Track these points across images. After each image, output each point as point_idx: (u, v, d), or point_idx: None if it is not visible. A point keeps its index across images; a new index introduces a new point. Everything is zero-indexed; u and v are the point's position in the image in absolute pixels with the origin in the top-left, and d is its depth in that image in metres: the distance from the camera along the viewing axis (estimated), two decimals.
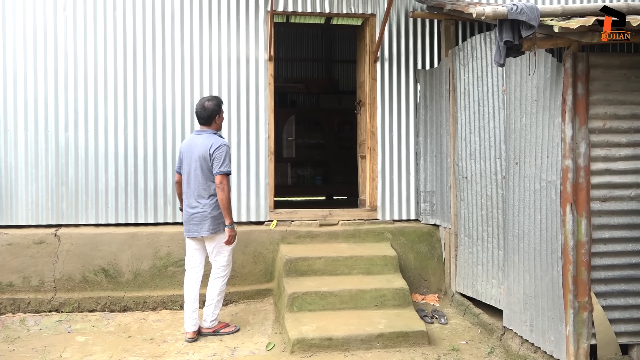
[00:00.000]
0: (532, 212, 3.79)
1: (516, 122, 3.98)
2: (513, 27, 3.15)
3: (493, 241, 4.49)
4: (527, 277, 3.87)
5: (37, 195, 5.21)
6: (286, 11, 5.59)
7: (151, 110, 5.37)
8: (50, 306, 4.86)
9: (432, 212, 5.66)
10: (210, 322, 4.36)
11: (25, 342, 4.20)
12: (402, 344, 4.17)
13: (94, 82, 5.29)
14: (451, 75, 5.14)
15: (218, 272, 4.33)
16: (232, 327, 4.43)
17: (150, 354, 3.99)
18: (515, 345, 3.99)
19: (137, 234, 5.15)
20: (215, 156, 4.14)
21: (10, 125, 5.18)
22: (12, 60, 5.18)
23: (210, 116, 4.26)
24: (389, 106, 5.76)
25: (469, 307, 4.82)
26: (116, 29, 5.33)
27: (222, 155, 4.15)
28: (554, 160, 3.52)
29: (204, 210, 4.19)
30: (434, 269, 5.51)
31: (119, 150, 5.33)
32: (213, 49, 5.48)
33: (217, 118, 4.30)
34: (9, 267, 4.93)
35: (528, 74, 3.77)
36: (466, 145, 4.87)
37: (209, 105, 4.25)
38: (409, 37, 5.78)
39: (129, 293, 4.99)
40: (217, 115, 4.29)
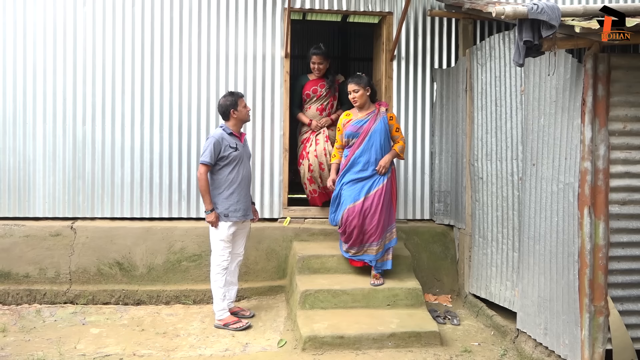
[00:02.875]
0: (549, 214, 3.74)
1: (534, 123, 3.93)
2: (533, 27, 3.10)
3: (508, 243, 4.45)
4: (542, 280, 3.82)
5: (54, 188, 5.28)
6: (303, 8, 5.58)
7: (167, 105, 5.40)
8: (65, 298, 4.92)
9: (446, 212, 5.63)
10: (216, 317, 4.47)
11: (40, 333, 4.25)
12: (414, 344, 4.15)
13: (112, 77, 5.34)
14: (468, 74, 5.10)
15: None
16: (243, 322, 4.45)
17: (163, 348, 4.02)
18: (529, 348, 3.95)
19: (152, 229, 5.19)
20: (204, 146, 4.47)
21: (30, 119, 5.24)
22: (33, 55, 5.24)
23: (225, 112, 4.46)
24: (405, 105, 5.73)
25: (482, 308, 4.79)
26: (134, 25, 5.36)
27: (205, 146, 4.43)
28: (572, 162, 3.47)
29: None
30: (448, 269, 5.47)
31: (135, 145, 5.37)
32: (230, 45, 5.49)
33: (232, 113, 4.45)
34: (25, 258, 5.00)
35: (547, 74, 3.72)
36: (482, 146, 4.83)
37: (222, 102, 4.49)
38: (426, 36, 5.75)
39: (142, 287, 5.04)
40: (232, 109, 4.44)
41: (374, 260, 4.68)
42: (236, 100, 4.44)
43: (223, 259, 4.45)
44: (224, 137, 4.42)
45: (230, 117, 4.46)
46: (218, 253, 4.45)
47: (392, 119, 4.81)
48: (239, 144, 4.49)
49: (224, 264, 4.45)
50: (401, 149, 4.81)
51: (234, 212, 4.42)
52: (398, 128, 4.85)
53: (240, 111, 4.47)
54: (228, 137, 4.44)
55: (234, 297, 4.66)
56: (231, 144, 4.43)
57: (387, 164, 4.69)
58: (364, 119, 4.74)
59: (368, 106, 4.79)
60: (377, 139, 4.69)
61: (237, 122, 4.50)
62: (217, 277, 4.44)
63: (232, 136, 4.47)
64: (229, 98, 4.46)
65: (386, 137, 4.75)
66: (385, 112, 4.80)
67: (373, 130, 4.69)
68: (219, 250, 4.45)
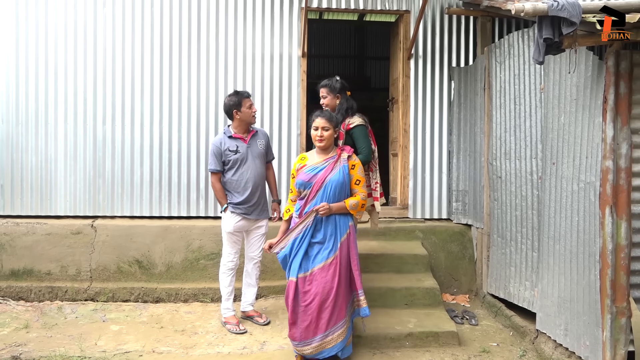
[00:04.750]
0: (569, 213, 3.69)
1: (554, 121, 3.89)
2: (553, 24, 3.07)
3: (527, 242, 4.40)
4: (562, 280, 3.78)
5: (75, 187, 5.36)
6: (320, 7, 5.59)
7: (186, 105, 5.45)
8: (86, 295, 5.00)
9: (464, 211, 5.59)
10: (222, 314, 4.51)
11: (62, 329, 4.32)
12: (432, 343, 4.14)
13: (131, 77, 5.40)
14: (487, 73, 5.05)
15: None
16: (239, 327, 4.34)
17: (182, 345, 4.06)
18: (549, 349, 3.91)
19: (170, 227, 5.24)
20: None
21: (51, 119, 5.34)
22: (54, 56, 5.33)
23: (228, 112, 4.36)
24: (422, 104, 5.70)
25: (500, 308, 4.74)
26: (153, 26, 5.42)
27: (210, 154, 4.40)
28: (594, 161, 3.42)
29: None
30: (465, 269, 5.44)
31: (154, 144, 5.43)
32: (247, 44, 5.52)
33: (235, 113, 4.31)
34: (47, 256, 5.09)
35: (568, 72, 3.68)
36: (501, 145, 4.79)
37: (226, 102, 4.35)
38: (443, 34, 5.71)
39: (161, 285, 5.09)
40: (235, 110, 4.29)
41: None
42: (240, 101, 4.29)
43: (229, 259, 4.41)
44: (223, 142, 4.32)
45: (233, 117, 4.33)
46: (225, 251, 4.43)
47: (354, 167, 3.75)
48: (241, 146, 4.32)
49: (229, 264, 4.40)
50: (354, 204, 3.67)
51: (235, 207, 4.32)
52: (359, 180, 3.75)
53: (244, 112, 4.30)
54: (228, 141, 4.32)
55: (252, 299, 4.57)
56: (231, 147, 4.29)
57: (325, 211, 3.58)
58: (319, 165, 3.72)
59: (330, 149, 3.78)
60: (331, 192, 3.64)
61: (240, 123, 4.34)
62: (223, 277, 4.43)
63: (232, 139, 4.33)
64: (233, 98, 4.31)
65: (342, 191, 3.68)
66: (347, 159, 3.74)
67: (328, 180, 3.65)
68: (226, 248, 4.43)
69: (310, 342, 3.58)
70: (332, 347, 3.59)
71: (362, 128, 4.18)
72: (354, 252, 3.69)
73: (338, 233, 3.65)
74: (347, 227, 3.69)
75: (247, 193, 4.32)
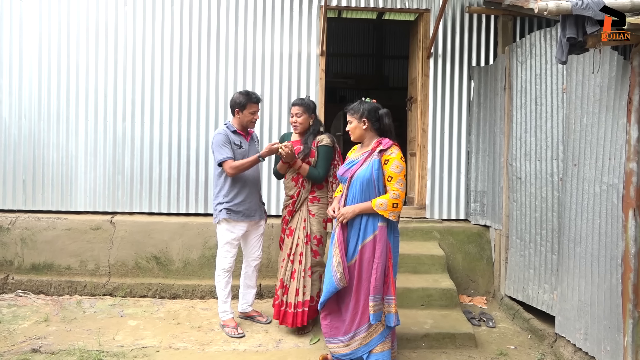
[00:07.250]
0: (591, 216, 3.63)
1: (576, 122, 3.82)
2: (577, 23, 3.02)
3: (547, 245, 4.34)
4: (582, 284, 3.72)
5: (95, 183, 5.43)
6: (339, 6, 5.57)
7: (204, 103, 5.48)
8: (104, 290, 5.06)
9: (482, 212, 5.53)
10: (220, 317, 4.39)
11: (81, 323, 4.38)
12: (448, 345, 4.10)
13: (151, 75, 5.45)
14: (507, 72, 4.99)
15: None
16: (238, 331, 4.23)
17: (198, 342, 4.09)
18: (568, 353, 3.85)
19: (188, 224, 5.28)
20: (212, 149, 4.20)
21: (72, 115, 5.41)
22: (76, 54, 5.40)
23: (232, 107, 4.24)
24: (441, 103, 5.65)
25: (518, 311, 4.69)
26: (173, 24, 5.46)
27: (213, 147, 4.17)
28: (617, 162, 3.36)
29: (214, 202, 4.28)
30: (483, 270, 5.38)
31: (173, 142, 5.47)
32: (266, 43, 5.53)
33: (236, 112, 4.21)
34: (67, 250, 5.17)
35: (592, 72, 3.61)
36: (521, 145, 4.72)
37: (234, 97, 4.23)
38: (464, 33, 5.65)
39: (178, 281, 5.13)
40: (237, 109, 4.19)
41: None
42: (246, 103, 4.16)
43: (226, 261, 4.25)
44: (228, 134, 4.18)
45: (234, 115, 4.24)
46: (221, 254, 4.26)
47: (388, 162, 3.37)
48: (244, 142, 4.25)
49: (226, 267, 4.25)
50: (381, 204, 3.31)
51: (235, 212, 4.18)
52: (391, 176, 3.34)
53: (245, 114, 4.18)
54: (232, 135, 4.19)
55: (251, 300, 4.52)
56: (235, 141, 4.18)
57: (347, 213, 3.39)
58: (356, 159, 3.54)
59: (368, 142, 3.56)
60: (357, 189, 3.41)
61: (239, 123, 4.23)
62: (219, 279, 4.28)
63: (236, 134, 4.22)
64: (241, 97, 4.17)
65: (370, 188, 3.38)
66: (380, 153, 3.41)
67: (356, 176, 3.42)
68: (224, 254, 4.25)
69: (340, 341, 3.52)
70: (357, 349, 3.46)
71: (327, 149, 4.19)
72: (380, 255, 3.35)
73: (360, 236, 3.42)
74: (374, 229, 3.38)
75: (248, 191, 4.25)
